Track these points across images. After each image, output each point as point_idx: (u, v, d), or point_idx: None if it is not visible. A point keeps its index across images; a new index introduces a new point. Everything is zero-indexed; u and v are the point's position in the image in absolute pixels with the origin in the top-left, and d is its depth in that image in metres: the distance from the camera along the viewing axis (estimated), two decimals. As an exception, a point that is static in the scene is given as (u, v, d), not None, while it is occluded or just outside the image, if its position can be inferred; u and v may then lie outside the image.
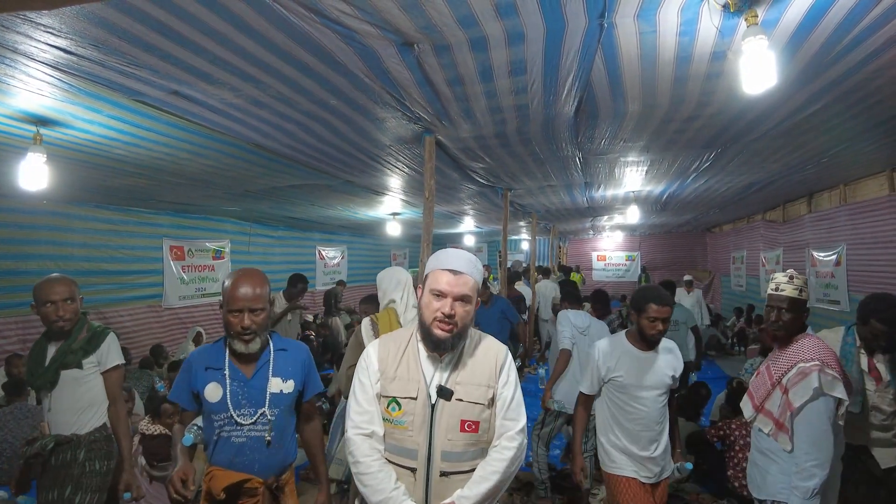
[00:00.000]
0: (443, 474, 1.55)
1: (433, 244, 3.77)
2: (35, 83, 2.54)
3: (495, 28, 2.22)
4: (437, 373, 1.61)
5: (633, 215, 8.30)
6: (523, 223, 11.40)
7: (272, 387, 1.91)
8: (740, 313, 9.91)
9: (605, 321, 4.20)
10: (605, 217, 10.52)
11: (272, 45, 2.27)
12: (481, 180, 5.78)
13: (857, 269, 6.39)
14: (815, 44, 2.42)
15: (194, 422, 1.93)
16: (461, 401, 1.57)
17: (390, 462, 1.59)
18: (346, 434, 1.62)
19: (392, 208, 8.13)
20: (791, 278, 2.21)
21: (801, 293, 2.17)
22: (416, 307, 1.71)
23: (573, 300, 4.18)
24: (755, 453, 2.25)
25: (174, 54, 2.30)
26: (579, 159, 4.86)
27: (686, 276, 8.62)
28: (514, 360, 1.73)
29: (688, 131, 3.92)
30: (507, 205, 6.62)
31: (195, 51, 2.29)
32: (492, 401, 1.61)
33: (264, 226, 9.45)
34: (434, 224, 3.84)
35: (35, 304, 2.48)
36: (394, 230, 9.61)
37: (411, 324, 2.39)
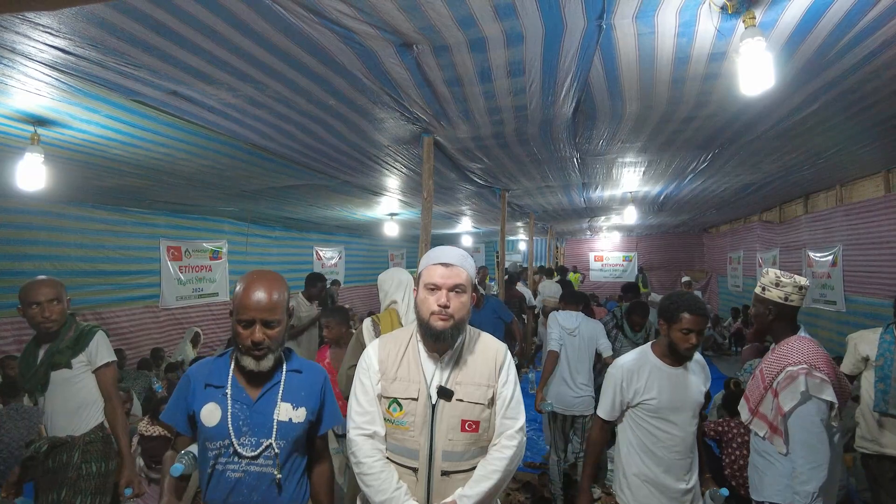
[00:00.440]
0: (444, 474, 1.57)
1: (431, 244, 3.76)
2: (33, 83, 2.53)
3: (494, 29, 2.23)
4: (437, 373, 1.62)
5: (631, 216, 8.30)
6: (521, 224, 11.41)
7: (280, 414, 1.60)
8: (737, 314, 9.95)
9: (601, 321, 4.21)
10: (603, 217, 10.53)
11: (271, 45, 2.28)
12: (479, 181, 5.79)
13: (853, 270, 6.42)
14: (813, 45, 2.43)
15: (189, 448, 1.65)
16: (461, 401, 1.58)
17: (392, 462, 1.60)
18: (347, 435, 1.63)
19: (390, 209, 8.13)
20: (777, 285, 2.19)
21: (788, 299, 2.16)
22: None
23: (569, 300, 4.20)
24: (753, 455, 2.24)
25: (173, 54, 2.30)
26: (577, 160, 4.87)
27: (684, 277, 8.56)
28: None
29: (685, 132, 3.93)
30: (504, 205, 6.62)
31: (194, 51, 2.28)
32: (492, 400, 1.62)
33: (262, 226, 9.43)
34: (432, 224, 3.85)
35: (21, 307, 2.47)
36: (391, 231, 9.60)
37: (412, 325, 2.40)
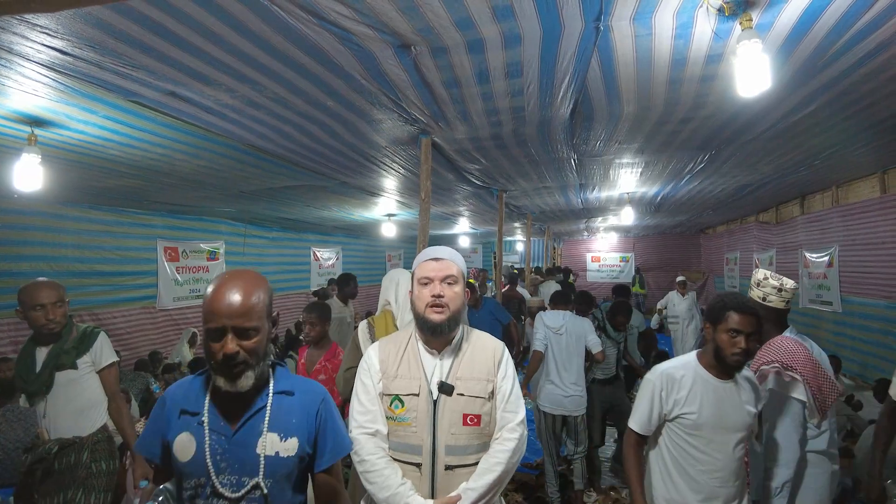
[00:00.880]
0: (447, 468, 1.59)
1: (428, 245, 3.76)
2: (30, 84, 2.53)
3: (492, 30, 2.24)
4: (437, 369, 1.65)
5: (628, 217, 8.31)
6: (518, 224, 11.42)
7: (266, 447, 1.34)
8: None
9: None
10: (600, 218, 10.56)
11: (269, 46, 2.28)
12: (477, 181, 5.79)
13: (849, 271, 6.46)
14: (809, 48, 2.45)
15: (166, 484, 1.42)
16: (462, 395, 1.61)
17: (395, 460, 1.62)
18: (350, 434, 1.64)
19: (387, 209, 8.13)
20: (758, 285, 2.19)
21: (766, 300, 2.17)
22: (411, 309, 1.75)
23: (558, 300, 4.24)
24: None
25: (171, 55, 2.30)
26: (574, 161, 4.89)
27: (679, 277, 8.50)
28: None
29: (682, 133, 3.95)
30: (502, 206, 6.63)
31: (192, 52, 2.28)
32: (492, 394, 1.65)
33: (259, 227, 9.42)
34: (429, 225, 3.86)
35: (22, 309, 2.46)
36: (389, 231, 9.60)
37: (408, 326, 2.40)
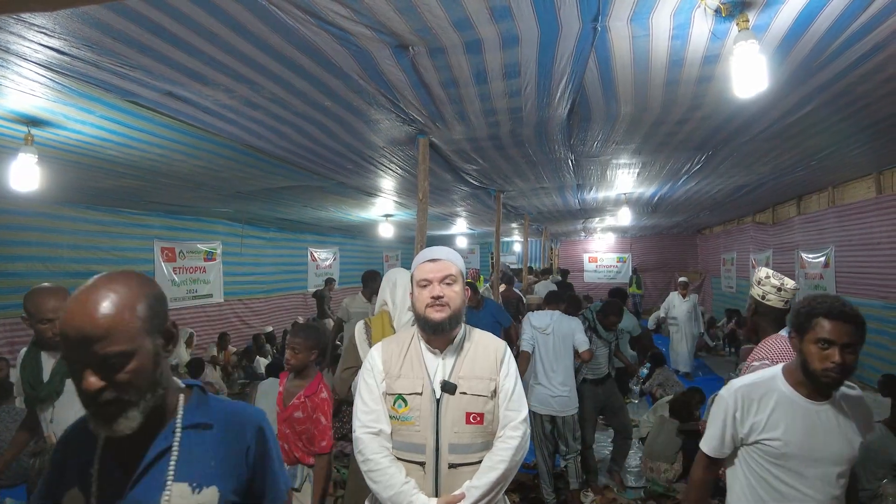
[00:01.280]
0: (451, 466, 1.59)
1: (426, 246, 3.76)
2: (27, 83, 2.52)
3: (490, 31, 2.24)
4: (440, 368, 1.66)
5: (625, 217, 8.33)
6: (515, 225, 11.43)
7: (171, 501, 1.01)
8: (732, 315, 9.98)
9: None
10: (597, 219, 10.58)
11: (267, 46, 2.27)
12: (474, 182, 5.80)
13: (845, 271, 6.48)
14: (805, 49, 2.46)
15: None
16: (465, 394, 1.62)
17: (399, 459, 1.62)
18: (354, 434, 1.65)
19: (385, 210, 8.12)
20: (759, 283, 2.20)
21: (764, 298, 2.18)
22: (411, 310, 1.76)
23: (550, 300, 4.27)
24: None
25: (168, 55, 2.30)
26: (572, 161, 4.89)
27: (681, 278, 8.46)
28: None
29: (679, 134, 3.96)
30: (499, 206, 6.63)
31: (190, 52, 2.28)
32: (494, 392, 1.66)
33: (256, 227, 9.40)
34: (427, 225, 3.86)
35: (29, 319, 2.39)
36: (386, 232, 9.59)
37: (406, 326, 2.41)
